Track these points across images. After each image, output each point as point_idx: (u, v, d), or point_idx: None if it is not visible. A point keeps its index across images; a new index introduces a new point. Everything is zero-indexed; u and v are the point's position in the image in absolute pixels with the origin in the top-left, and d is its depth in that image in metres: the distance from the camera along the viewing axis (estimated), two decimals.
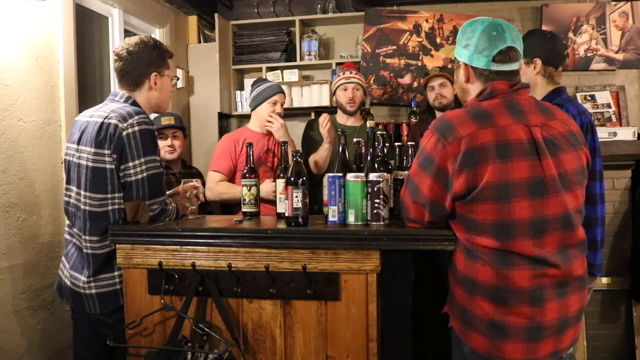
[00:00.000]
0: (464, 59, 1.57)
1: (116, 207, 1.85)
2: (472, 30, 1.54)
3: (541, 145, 1.45)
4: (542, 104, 1.58)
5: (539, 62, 2.08)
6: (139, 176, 1.83)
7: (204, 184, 2.88)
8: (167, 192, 2.07)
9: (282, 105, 2.89)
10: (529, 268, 1.43)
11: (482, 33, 1.51)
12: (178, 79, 2.08)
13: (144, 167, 1.84)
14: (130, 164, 1.82)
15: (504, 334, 1.44)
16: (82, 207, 1.86)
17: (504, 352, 1.44)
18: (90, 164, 1.84)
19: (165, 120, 2.93)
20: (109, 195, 1.84)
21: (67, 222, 1.97)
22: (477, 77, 1.55)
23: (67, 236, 1.98)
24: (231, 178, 2.81)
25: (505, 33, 1.51)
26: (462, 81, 1.60)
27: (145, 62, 1.93)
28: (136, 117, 1.84)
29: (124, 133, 1.81)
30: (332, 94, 3.20)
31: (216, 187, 2.76)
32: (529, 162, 1.43)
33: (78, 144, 1.89)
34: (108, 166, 1.82)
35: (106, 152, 1.82)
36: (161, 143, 2.90)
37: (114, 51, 1.98)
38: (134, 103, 1.94)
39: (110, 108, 1.87)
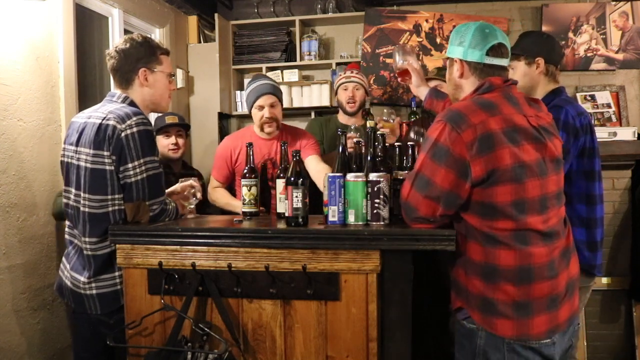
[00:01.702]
0: (458, 55, 1.67)
1: (116, 208, 1.85)
2: (465, 29, 1.66)
3: (541, 131, 1.58)
4: (528, 98, 1.70)
5: (541, 61, 2.09)
6: (139, 177, 1.83)
7: (203, 185, 2.88)
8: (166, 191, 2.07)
9: (271, 106, 2.62)
10: (543, 244, 1.53)
11: (475, 30, 1.64)
12: (174, 76, 2.08)
13: (143, 167, 1.83)
14: (130, 165, 1.82)
15: (530, 311, 1.51)
16: (82, 208, 1.86)
17: (531, 327, 1.51)
18: (89, 165, 1.84)
19: (170, 119, 2.94)
20: (109, 197, 1.84)
21: (68, 222, 1.97)
22: (472, 71, 1.66)
23: (67, 237, 1.98)
24: (230, 183, 2.79)
25: (496, 31, 1.65)
26: (456, 77, 1.69)
27: (132, 58, 1.93)
28: (134, 118, 1.83)
29: (123, 134, 1.81)
30: (335, 93, 3.20)
31: (212, 192, 2.76)
32: (535, 145, 1.55)
33: (76, 145, 1.89)
34: (107, 168, 1.83)
35: (105, 153, 1.82)
36: (165, 141, 2.90)
37: (106, 52, 1.99)
38: (132, 103, 1.94)
39: (108, 109, 1.87)
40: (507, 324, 1.52)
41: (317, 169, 2.57)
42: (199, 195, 2.10)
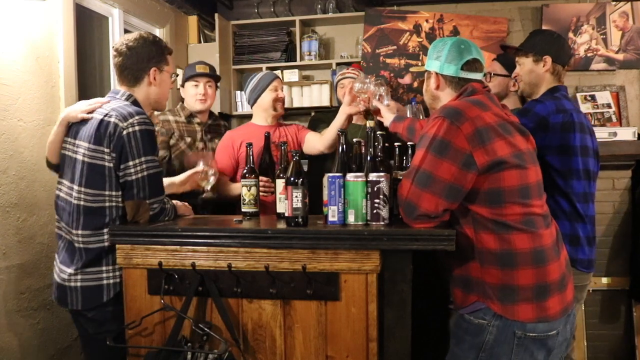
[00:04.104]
0: (435, 68, 1.76)
1: (113, 204, 1.85)
2: (442, 44, 1.76)
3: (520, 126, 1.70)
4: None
5: (549, 59, 2.12)
6: (139, 175, 1.83)
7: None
8: (187, 174, 2.17)
9: (281, 90, 2.82)
10: (545, 227, 1.62)
11: (451, 46, 1.73)
12: (177, 76, 2.09)
13: (144, 166, 1.84)
14: (131, 163, 1.82)
15: (547, 292, 1.59)
16: (74, 201, 1.84)
17: (548, 308, 1.58)
18: (86, 159, 1.84)
19: (200, 68, 2.84)
20: (106, 193, 1.83)
21: (56, 216, 1.95)
22: (448, 84, 1.75)
23: (57, 231, 1.95)
24: (234, 175, 2.79)
25: (472, 47, 1.74)
26: (433, 89, 1.79)
27: (144, 57, 1.93)
28: (137, 117, 1.84)
29: (124, 132, 1.81)
30: (335, 92, 3.21)
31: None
32: (523, 137, 1.66)
33: (75, 138, 1.89)
34: (107, 164, 1.83)
35: (105, 150, 1.82)
36: (193, 90, 2.83)
37: (113, 47, 1.97)
38: (135, 102, 1.94)
39: (111, 106, 1.87)
40: (528, 308, 1.57)
41: (319, 135, 2.79)
42: (212, 179, 2.14)
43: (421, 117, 2.32)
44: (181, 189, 2.22)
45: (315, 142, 2.78)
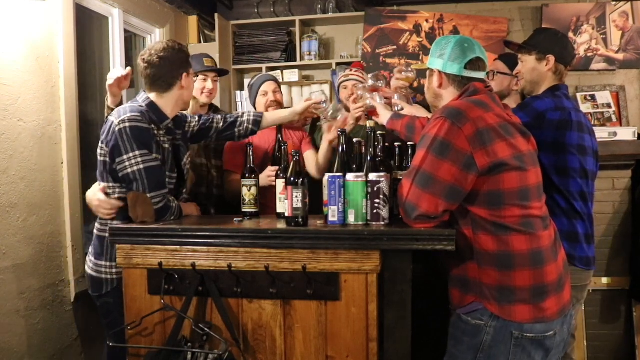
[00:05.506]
0: (438, 66, 1.76)
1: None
2: (446, 43, 1.74)
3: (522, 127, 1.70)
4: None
5: (552, 58, 2.11)
6: (135, 168, 1.89)
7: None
8: (306, 103, 2.40)
9: (274, 92, 2.80)
10: (544, 229, 1.63)
11: (455, 44, 1.72)
12: (198, 76, 2.27)
13: (139, 159, 1.90)
14: (125, 157, 1.90)
15: (544, 293, 1.59)
16: None
17: (545, 309, 1.59)
18: (99, 157, 2.01)
19: (209, 62, 2.79)
20: (109, 184, 2.00)
21: None
22: (451, 82, 1.75)
23: None
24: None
25: (475, 46, 1.73)
26: (435, 87, 1.78)
27: (176, 65, 2.04)
28: (129, 114, 1.92)
29: (117, 129, 1.90)
30: (337, 93, 3.20)
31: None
32: (524, 138, 1.66)
33: None
34: (103, 158, 1.99)
35: (102, 145, 1.98)
36: (201, 84, 2.78)
37: (142, 58, 2.03)
38: (151, 104, 2.03)
39: (119, 107, 2.02)
40: (525, 309, 1.57)
41: (315, 157, 2.78)
42: (324, 105, 2.41)
43: (410, 102, 2.31)
44: (298, 117, 2.48)
45: (310, 166, 2.73)
